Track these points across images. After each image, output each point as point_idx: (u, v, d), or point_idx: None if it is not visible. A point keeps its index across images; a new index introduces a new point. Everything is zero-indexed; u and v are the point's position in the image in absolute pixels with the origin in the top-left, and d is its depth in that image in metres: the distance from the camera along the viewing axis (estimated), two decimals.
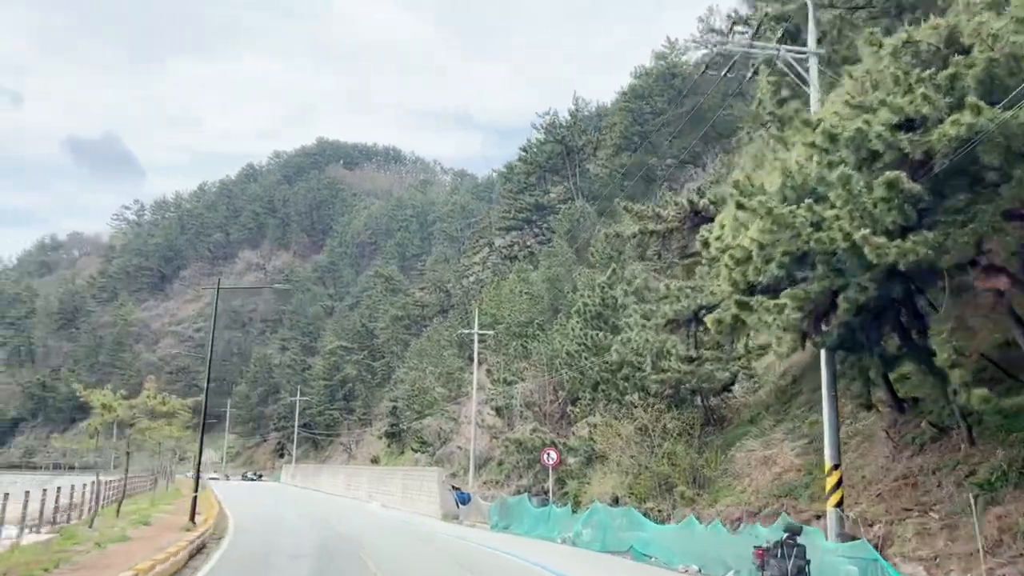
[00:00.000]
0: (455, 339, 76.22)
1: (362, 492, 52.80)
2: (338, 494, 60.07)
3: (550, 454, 30.88)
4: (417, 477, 39.40)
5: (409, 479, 40.79)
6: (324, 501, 49.52)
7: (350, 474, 60.52)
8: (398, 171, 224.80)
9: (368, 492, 50.39)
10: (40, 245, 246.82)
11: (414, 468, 45.23)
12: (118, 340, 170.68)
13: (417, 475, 39.71)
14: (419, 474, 39.82)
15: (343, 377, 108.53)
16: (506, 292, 69.94)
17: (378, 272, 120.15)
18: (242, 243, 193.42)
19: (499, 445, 53.55)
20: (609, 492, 30.68)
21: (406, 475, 43.03)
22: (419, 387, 70.67)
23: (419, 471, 40.98)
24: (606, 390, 33.54)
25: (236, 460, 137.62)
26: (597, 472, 34.07)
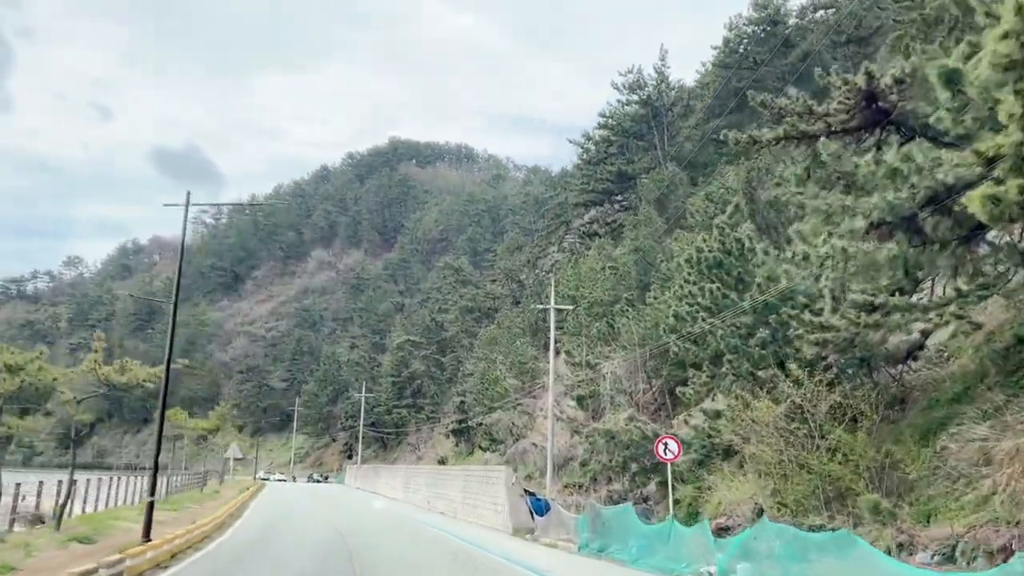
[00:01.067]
0: (528, 326, 67.27)
1: (420, 497, 44.16)
2: (397, 498, 51.79)
3: (667, 445, 21.25)
4: (480, 479, 30.58)
5: (471, 481, 31.97)
6: (367, 510, 40.63)
7: (408, 476, 51.83)
8: (470, 168, 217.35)
9: (426, 497, 41.75)
10: (122, 250, 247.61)
11: (476, 467, 36.14)
12: (191, 340, 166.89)
13: (480, 476, 30.83)
14: (482, 475, 30.93)
15: (411, 373, 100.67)
16: (586, 270, 60.73)
17: (447, 264, 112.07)
18: (314, 242, 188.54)
19: (582, 441, 44.35)
20: (745, 500, 21.30)
21: (467, 476, 34.36)
22: (489, 378, 61.91)
23: (482, 471, 31.97)
24: (734, 362, 24.08)
25: (305, 461, 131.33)
26: (722, 473, 24.67)
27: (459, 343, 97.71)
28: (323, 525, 29.19)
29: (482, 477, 30.28)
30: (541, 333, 65.85)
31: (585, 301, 53.26)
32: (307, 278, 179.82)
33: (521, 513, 27.14)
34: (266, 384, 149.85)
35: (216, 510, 30.71)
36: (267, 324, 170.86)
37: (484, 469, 31.63)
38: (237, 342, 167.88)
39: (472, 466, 38.63)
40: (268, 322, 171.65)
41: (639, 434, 27.99)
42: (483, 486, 29.73)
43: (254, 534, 26.91)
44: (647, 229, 55.37)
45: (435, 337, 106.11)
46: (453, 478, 35.39)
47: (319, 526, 28.11)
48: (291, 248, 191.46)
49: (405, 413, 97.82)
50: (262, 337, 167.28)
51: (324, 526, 28.68)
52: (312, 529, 27.00)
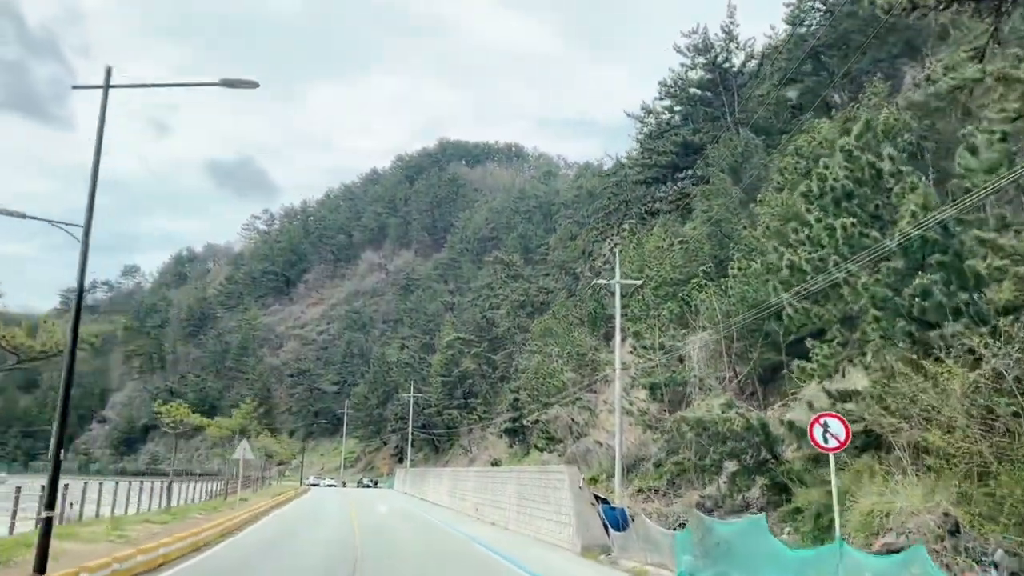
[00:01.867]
0: (586, 315, 60.80)
1: (467, 503, 38.12)
2: (443, 504, 45.85)
3: (828, 427, 14.02)
4: (537, 483, 24.12)
5: (527, 485, 25.59)
6: (401, 520, 34.33)
7: (454, 480, 45.62)
8: (520, 168, 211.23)
9: (474, 504, 35.70)
10: (177, 258, 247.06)
11: (532, 469, 29.44)
12: (242, 345, 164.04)
13: (537, 479, 24.30)
14: (540, 478, 25.36)
15: (462, 372, 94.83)
16: (650, 249, 54.22)
17: (498, 258, 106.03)
18: (364, 244, 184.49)
19: (656, 438, 37.77)
20: (917, 509, 14.68)
21: (521, 479, 28.65)
22: (543, 372, 55.63)
23: (539, 473, 25.26)
24: (882, 319, 17.42)
25: (356, 465, 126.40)
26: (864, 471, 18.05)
27: (511, 339, 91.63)
28: (338, 544, 23.10)
29: (540, 480, 23.77)
30: (601, 322, 59.41)
31: (652, 282, 46.81)
32: (357, 280, 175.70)
33: (592, 526, 20.60)
34: (317, 388, 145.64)
35: (213, 520, 24.99)
36: (318, 327, 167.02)
37: (543, 471, 25.16)
38: (288, 346, 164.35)
39: (528, 467, 31.91)
40: (319, 325, 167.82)
41: (741, 423, 21.44)
42: (542, 491, 23.35)
43: (246, 552, 21.08)
44: (721, 200, 48.59)
45: (486, 334, 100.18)
46: (504, 481, 29.12)
47: (333, 548, 22.00)
48: (341, 250, 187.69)
49: (456, 414, 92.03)
50: (313, 340, 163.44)
51: (340, 546, 22.57)
52: (319, 553, 20.93)
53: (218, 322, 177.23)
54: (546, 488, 22.95)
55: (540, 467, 28.63)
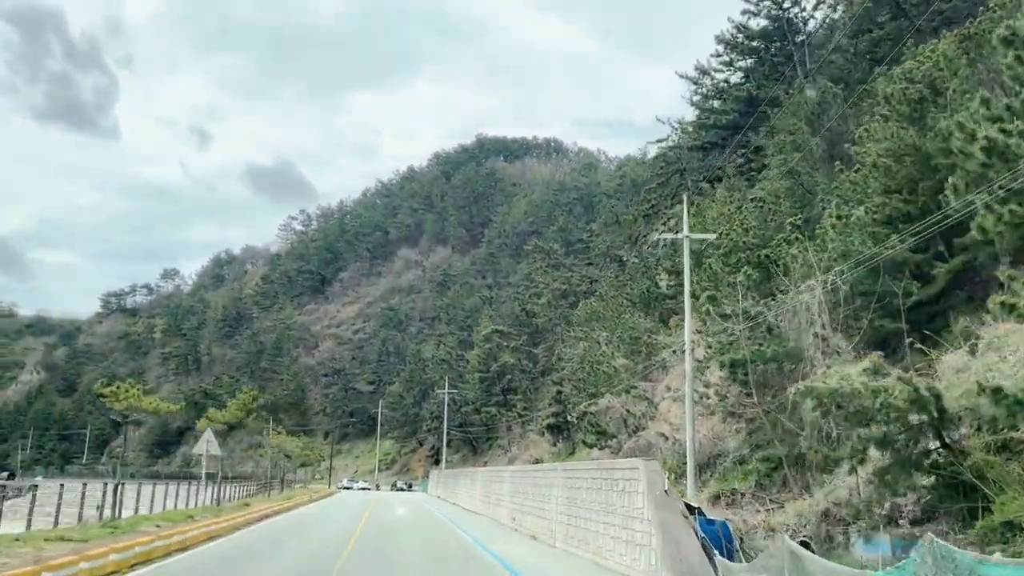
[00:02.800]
0: (638, 295, 53.52)
1: (503, 511, 31.17)
2: (476, 510, 38.82)
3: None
4: (596, 483, 17.58)
5: (580, 488, 19.20)
6: (421, 538, 27.08)
7: (488, 482, 38.60)
8: (560, 163, 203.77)
9: (511, 511, 28.73)
10: (216, 260, 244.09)
11: (588, 465, 22.32)
12: (277, 345, 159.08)
13: (596, 479, 18.11)
14: (600, 477, 17.81)
15: (500, 367, 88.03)
16: (714, 216, 46.82)
17: (537, 247, 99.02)
18: (400, 242, 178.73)
19: (737, 428, 30.57)
20: None
21: (572, 479, 20.35)
22: (591, 359, 48.52)
23: (597, 470, 18.74)
24: None
25: (392, 468, 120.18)
26: None
27: (552, 331, 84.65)
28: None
29: (601, 480, 16.45)
30: (655, 303, 52.12)
31: (720, 249, 39.48)
32: (393, 278, 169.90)
33: (686, 549, 12.98)
34: (352, 387, 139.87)
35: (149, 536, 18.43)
36: (354, 326, 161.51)
37: (604, 467, 17.29)
38: (324, 345, 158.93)
39: (581, 463, 24.97)
40: (354, 324, 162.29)
41: (904, 394, 14.17)
42: (603, 495, 16.10)
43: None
44: (798, 153, 41.15)
45: (526, 327, 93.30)
46: (549, 483, 22.03)
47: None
48: (377, 248, 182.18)
49: (495, 411, 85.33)
50: (348, 339, 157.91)
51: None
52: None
53: (253, 323, 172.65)
54: (610, 491, 15.70)
55: (600, 462, 20.89)
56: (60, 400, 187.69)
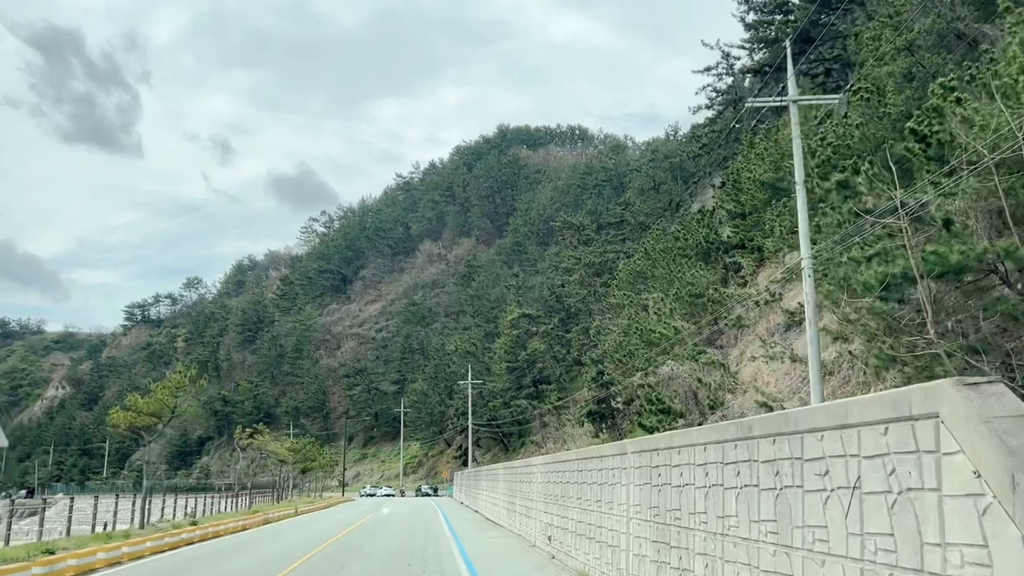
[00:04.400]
0: (694, 246, 43.01)
1: (534, 524, 20.91)
2: (498, 521, 28.46)
3: None
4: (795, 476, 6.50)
5: (696, 481, 8.34)
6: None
7: (512, 483, 26.97)
8: (584, 150, 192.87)
9: (544, 525, 18.74)
10: (238, 267, 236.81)
11: (719, 428, 8.38)
12: (297, 347, 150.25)
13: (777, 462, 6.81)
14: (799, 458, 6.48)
15: (530, 355, 77.87)
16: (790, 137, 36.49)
17: (567, 222, 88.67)
18: (422, 236, 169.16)
19: (889, 379, 20.13)
20: None
21: (670, 471, 9.10)
22: (640, 325, 38.25)
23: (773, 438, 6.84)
24: None
25: (418, 471, 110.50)
26: None
27: (586, 312, 74.42)
28: None
29: (794, 464, 7.19)
30: (717, 254, 41.67)
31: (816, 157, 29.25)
32: (416, 273, 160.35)
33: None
34: (375, 387, 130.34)
35: None
36: (376, 324, 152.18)
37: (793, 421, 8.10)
38: (346, 346, 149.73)
39: (700, 430, 9.18)
40: (377, 322, 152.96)
41: None
42: (804, 499, 6.72)
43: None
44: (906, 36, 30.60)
45: (556, 311, 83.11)
46: (605, 479, 11.93)
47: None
48: (399, 243, 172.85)
49: (525, 404, 75.12)
50: (371, 339, 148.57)
51: None
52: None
53: (274, 326, 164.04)
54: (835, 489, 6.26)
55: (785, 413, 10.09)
56: (81, 414, 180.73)
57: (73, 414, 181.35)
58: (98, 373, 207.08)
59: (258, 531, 28.12)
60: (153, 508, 40.49)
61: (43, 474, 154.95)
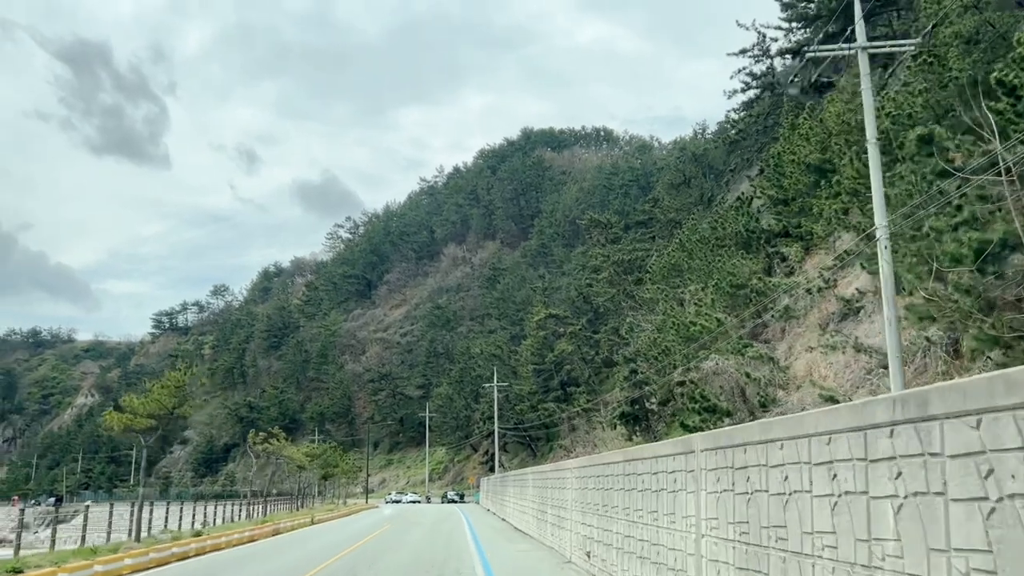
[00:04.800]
0: (732, 235, 40.17)
1: (569, 536, 18.30)
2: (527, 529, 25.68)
3: None
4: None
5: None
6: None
7: (543, 485, 23.42)
8: (610, 151, 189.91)
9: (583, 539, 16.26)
10: (264, 273, 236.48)
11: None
12: (322, 352, 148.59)
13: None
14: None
15: (557, 357, 75.21)
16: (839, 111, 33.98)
17: (594, 220, 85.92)
18: (446, 239, 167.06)
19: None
20: None
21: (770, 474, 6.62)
22: (676, 319, 35.56)
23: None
24: None
25: (444, 477, 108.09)
26: None
27: (615, 311, 71.68)
28: None
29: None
30: (759, 244, 38.85)
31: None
32: (440, 277, 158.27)
33: None
34: (400, 392, 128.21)
35: None
36: (401, 329, 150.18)
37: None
38: (371, 351, 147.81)
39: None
40: (402, 327, 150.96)
41: None
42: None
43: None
44: None
45: (584, 312, 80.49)
46: (674, 485, 9.72)
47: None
48: (423, 248, 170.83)
49: (553, 407, 72.44)
50: (396, 343, 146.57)
51: None
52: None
53: (299, 332, 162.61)
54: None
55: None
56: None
57: (100, 422, 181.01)
58: (126, 381, 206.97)
59: (265, 543, 25.79)
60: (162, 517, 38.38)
61: (71, 482, 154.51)
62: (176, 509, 45.69)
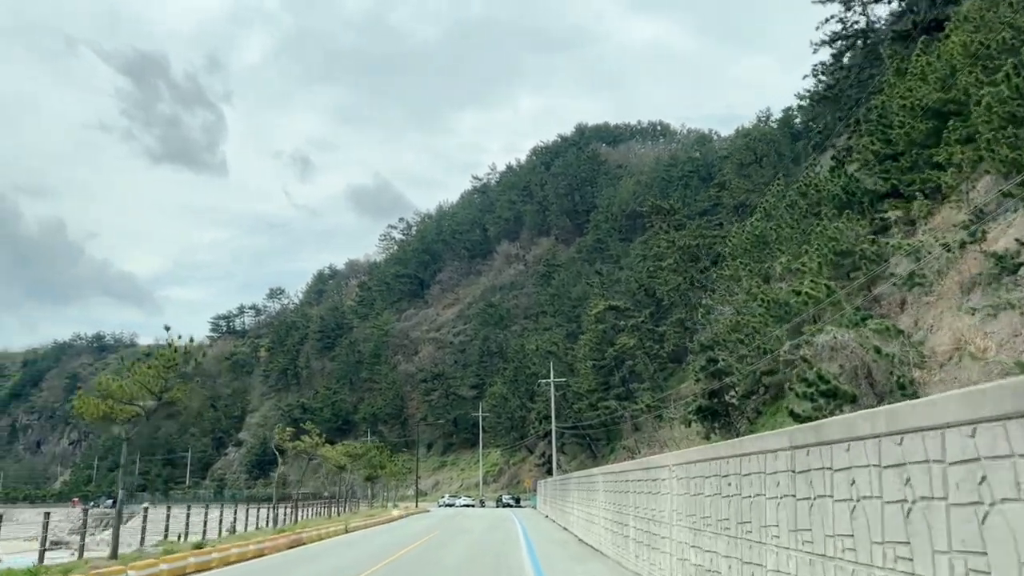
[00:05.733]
0: (834, 197, 34.25)
1: (665, 562, 11.71)
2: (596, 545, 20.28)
3: None
4: None
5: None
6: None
7: (620, 489, 16.80)
8: (667, 145, 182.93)
9: (695, 562, 10.05)
10: (319, 276, 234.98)
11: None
12: (375, 353, 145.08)
13: None
14: None
15: (618, 352, 69.60)
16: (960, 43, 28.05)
17: (656, 206, 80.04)
18: (499, 237, 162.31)
19: None
20: None
21: None
22: (766, 296, 29.93)
23: None
24: None
25: (500, 480, 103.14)
26: None
27: (683, 302, 65.95)
28: None
29: None
30: (859, 206, 32.96)
31: None
32: (493, 275, 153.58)
33: None
34: (454, 392, 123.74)
35: None
36: (454, 328, 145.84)
37: None
38: (424, 351, 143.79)
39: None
40: (455, 326, 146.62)
41: None
42: None
43: None
44: None
45: (646, 303, 74.83)
46: (913, 494, 5.91)
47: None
48: (476, 246, 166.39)
49: (615, 405, 66.81)
50: (449, 343, 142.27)
51: None
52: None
53: (351, 333, 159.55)
54: None
55: None
56: (165, 423, 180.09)
57: (157, 423, 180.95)
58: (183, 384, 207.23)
59: (275, 558, 21.16)
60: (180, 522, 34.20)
61: (128, 484, 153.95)
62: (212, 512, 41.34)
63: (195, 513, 33.39)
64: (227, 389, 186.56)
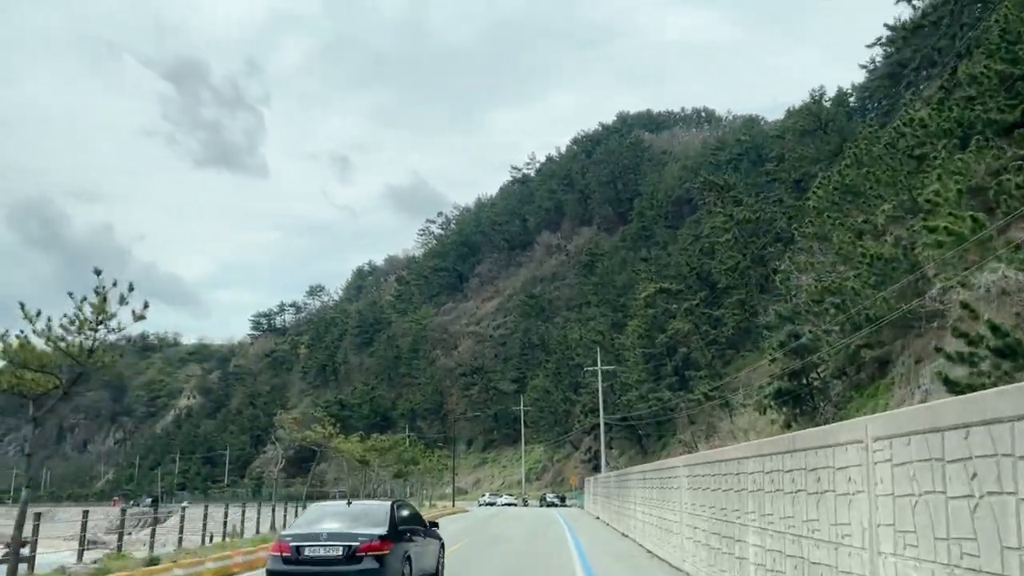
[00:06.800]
0: (946, 131, 28.16)
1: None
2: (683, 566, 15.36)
3: None
4: None
5: None
6: None
7: (713, 487, 11.63)
8: (713, 131, 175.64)
9: None
10: (358, 272, 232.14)
11: None
12: (413, 347, 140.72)
13: None
14: None
15: (670, 337, 63.73)
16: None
17: (708, 182, 73.89)
18: (539, 227, 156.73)
19: None
20: None
21: None
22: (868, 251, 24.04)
23: None
24: None
25: (543, 477, 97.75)
26: None
27: (742, 282, 59.94)
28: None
29: None
30: (981, 139, 26.84)
31: None
32: (534, 266, 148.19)
33: None
34: (494, 387, 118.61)
35: None
36: (494, 321, 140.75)
37: None
38: (463, 345, 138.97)
39: None
40: (495, 319, 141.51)
41: None
42: None
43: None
44: None
45: (700, 285, 68.83)
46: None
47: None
48: (515, 237, 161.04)
49: (668, 396, 60.99)
50: (489, 336, 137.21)
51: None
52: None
53: (390, 328, 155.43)
54: None
55: None
56: (205, 422, 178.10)
57: (198, 422, 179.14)
58: (225, 382, 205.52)
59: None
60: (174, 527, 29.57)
61: (168, 482, 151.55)
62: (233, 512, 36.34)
63: (214, 514, 28.72)
64: (266, 386, 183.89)
